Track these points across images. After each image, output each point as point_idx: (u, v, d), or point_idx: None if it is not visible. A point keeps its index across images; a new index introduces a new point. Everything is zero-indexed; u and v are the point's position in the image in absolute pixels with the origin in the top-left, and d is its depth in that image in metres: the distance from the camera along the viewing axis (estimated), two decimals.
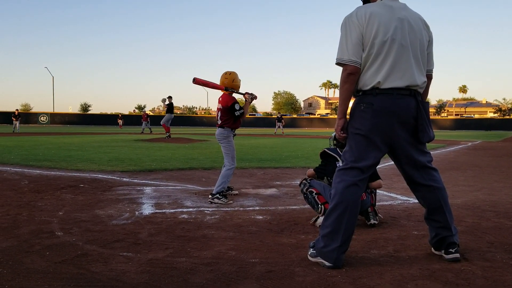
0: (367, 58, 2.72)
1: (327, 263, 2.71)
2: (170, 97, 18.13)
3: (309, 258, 2.85)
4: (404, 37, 2.71)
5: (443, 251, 2.89)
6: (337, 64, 2.77)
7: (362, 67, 2.75)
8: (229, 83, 5.05)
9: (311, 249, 2.87)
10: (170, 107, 18.12)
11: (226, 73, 5.13)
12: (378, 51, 2.69)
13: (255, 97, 5.12)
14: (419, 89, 2.80)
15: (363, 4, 2.88)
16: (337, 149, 4.07)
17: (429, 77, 2.95)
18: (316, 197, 3.86)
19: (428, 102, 2.86)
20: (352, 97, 2.87)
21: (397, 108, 2.72)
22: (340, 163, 3.96)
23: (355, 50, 2.69)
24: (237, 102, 5.11)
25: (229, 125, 5.10)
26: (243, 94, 5.08)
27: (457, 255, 2.85)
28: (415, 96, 2.78)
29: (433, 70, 2.97)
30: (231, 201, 4.88)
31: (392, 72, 2.71)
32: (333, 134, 4.12)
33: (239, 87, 5.14)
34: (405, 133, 2.78)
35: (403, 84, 2.72)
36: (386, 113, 2.71)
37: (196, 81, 5.00)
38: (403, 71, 2.72)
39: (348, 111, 2.91)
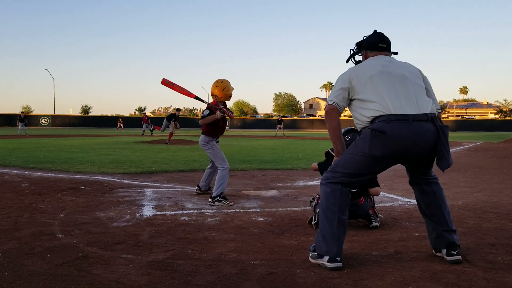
0: (366, 92, 2.80)
1: (328, 265, 2.71)
2: (177, 110, 18.54)
3: (310, 260, 2.86)
4: (395, 69, 2.87)
5: (444, 252, 2.88)
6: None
7: (364, 99, 2.81)
8: (219, 92, 5.01)
9: (312, 252, 2.88)
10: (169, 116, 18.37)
11: (217, 81, 5.08)
12: (374, 82, 2.79)
13: (232, 116, 5.01)
14: (434, 112, 2.78)
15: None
16: None
17: (438, 117, 2.90)
18: None
19: (447, 126, 2.79)
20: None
21: (413, 134, 2.66)
22: None
23: (336, 93, 2.87)
24: (210, 110, 5.01)
25: (208, 133, 5.07)
26: (217, 108, 4.93)
27: (459, 257, 2.84)
28: (433, 121, 2.73)
29: (438, 109, 2.91)
30: (232, 203, 4.88)
31: (396, 97, 2.74)
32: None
33: (231, 95, 5.11)
34: (418, 158, 2.81)
35: (411, 106, 2.71)
36: (400, 140, 2.65)
37: (163, 81, 5.01)
38: (406, 94, 2.76)
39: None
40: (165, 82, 5.02)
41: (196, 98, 5.01)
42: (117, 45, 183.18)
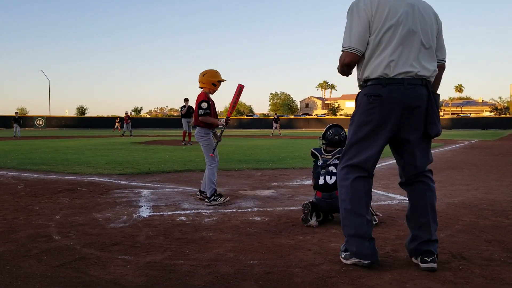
0: (375, 44, 2.63)
1: (364, 262, 2.67)
2: (186, 100, 16.77)
3: (344, 261, 2.78)
4: (414, 23, 2.63)
5: (419, 259, 2.73)
6: (343, 51, 2.73)
7: (370, 53, 2.65)
8: (212, 78, 5.08)
9: (344, 252, 2.80)
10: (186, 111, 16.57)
11: (207, 71, 5.15)
12: (387, 36, 2.60)
13: (224, 124, 5.15)
14: (430, 78, 2.70)
15: None
16: (321, 148, 4.15)
17: (442, 67, 2.84)
18: None
19: (439, 94, 2.74)
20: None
21: (407, 98, 2.60)
22: (320, 162, 4.05)
23: (358, 39, 2.63)
24: (207, 102, 5.03)
25: (204, 125, 5.08)
26: (228, 118, 5.14)
27: (434, 264, 2.66)
28: (426, 86, 2.67)
29: (446, 59, 2.84)
30: (228, 198, 4.90)
31: (401, 58, 2.61)
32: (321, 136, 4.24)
33: (219, 80, 5.16)
34: (414, 127, 2.67)
35: (413, 70, 2.61)
36: (396, 103, 2.60)
37: (241, 89, 5.10)
38: (413, 57, 2.63)
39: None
40: (241, 89, 5.11)
41: (227, 119, 5.10)
42: (113, 46, 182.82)
